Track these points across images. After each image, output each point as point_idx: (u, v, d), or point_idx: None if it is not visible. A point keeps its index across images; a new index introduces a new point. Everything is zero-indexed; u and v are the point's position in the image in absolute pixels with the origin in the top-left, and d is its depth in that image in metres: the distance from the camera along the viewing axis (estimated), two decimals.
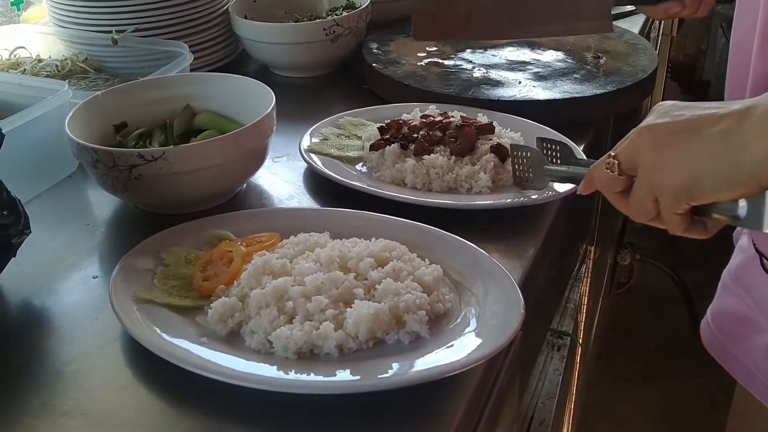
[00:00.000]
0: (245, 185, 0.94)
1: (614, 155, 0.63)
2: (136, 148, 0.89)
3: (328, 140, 0.98)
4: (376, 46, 1.24)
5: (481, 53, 1.21)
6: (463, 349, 0.63)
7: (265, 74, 1.28)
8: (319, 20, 1.25)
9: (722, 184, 0.56)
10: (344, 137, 1.00)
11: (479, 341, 0.64)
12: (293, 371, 0.62)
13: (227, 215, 0.83)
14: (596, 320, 1.80)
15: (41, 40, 1.19)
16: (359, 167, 0.95)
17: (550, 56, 1.19)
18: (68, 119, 0.86)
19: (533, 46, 1.22)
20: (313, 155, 0.94)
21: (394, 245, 0.74)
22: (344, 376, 0.61)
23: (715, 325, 0.84)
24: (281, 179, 0.96)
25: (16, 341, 0.71)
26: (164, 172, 0.81)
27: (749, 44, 0.70)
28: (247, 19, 1.25)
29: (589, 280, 1.51)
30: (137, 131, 0.94)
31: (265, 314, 0.65)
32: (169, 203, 0.87)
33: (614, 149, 0.64)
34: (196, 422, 0.61)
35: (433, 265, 0.72)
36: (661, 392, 2.15)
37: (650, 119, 0.61)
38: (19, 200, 0.75)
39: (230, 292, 0.70)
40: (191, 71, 1.09)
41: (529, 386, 1.10)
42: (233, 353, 0.64)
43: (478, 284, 0.71)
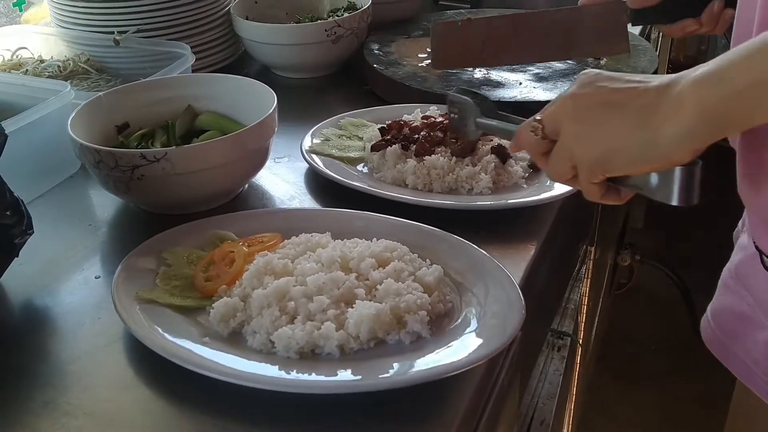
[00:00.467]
0: (247, 186, 0.94)
1: (539, 119, 0.65)
2: (138, 148, 0.89)
3: (329, 141, 0.99)
4: (377, 47, 1.24)
5: None
6: (463, 349, 0.63)
7: (266, 75, 1.28)
8: (320, 21, 1.26)
9: (635, 159, 0.58)
10: (345, 138, 1.00)
11: (480, 341, 0.64)
12: (295, 371, 0.62)
13: (229, 216, 0.84)
14: (596, 321, 1.80)
15: (43, 40, 1.19)
16: (360, 168, 0.95)
17: None
18: (70, 120, 0.86)
19: None
20: (314, 156, 0.94)
21: (395, 246, 0.74)
22: (345, 376, 0.61)
23: (715, 323, 0.84)
24: (283, 180, 0.96)
25: (18, 341, 0.71)
26: (166, 172, 0.81)
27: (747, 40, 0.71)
28: (248, 20, 1.26)
29: (589, 280, 1.51)
30: (139, 132, 0.95)
31: (266, 314, 0.66)
32: (171, 204, 0.88)
33: (541, 113, 0.66)
34: (198, 421, 0.62)
35: (434, 265, 0.72)
36: (660, 393, 2.16)
37: (575, 88, 0.62)
38: (21, 200, 0.75)
39: (232, 292, 0.70)
40: (193, 72, 1.09)
41: (529, 386, 1.10)
42: (235, 353, 0.64)
43: (478, 285, 0.72)
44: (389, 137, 0.95)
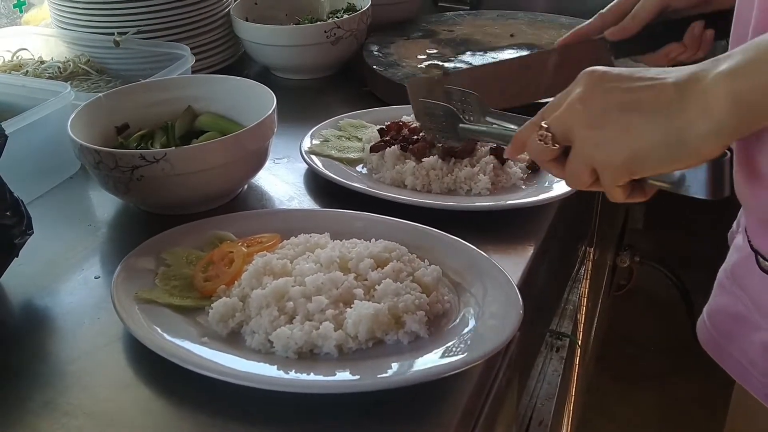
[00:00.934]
0: (246, 186, 0.94)
1: (547, 127, 0.62)
2: (137, 149, 0.90)
3: (328, 142, 0.99)
4: (376, 48, 1.24)
5: (480, 55, 1.21)
6: (461, 349, 0.63)
7: (266, 76, 1.28)
8: (319, 23, 1.26)
9: (665, 159, 0.56)
10: (345, 139, 1.00)
11: (478, 341, 0.64)
12: (293, 371, 0.62)
13: (228, 216, 0.84)
14: (596, 322, 1.80)
15: (43, 41, 1.20)
16: (359, 169, 0.95)
17: None
18: (70, 121, 0.87)
19: (532, 48, 1.23)
20: (313, 157, 0.95)
21: (393, 246, 0.74)
22: (344, 375, 0.62)
23: (711, 323, 0.84)
24: (282, 180, 0.96)
25: (18, 341, 0.71)
26: (166, 173, 0.81)
27: (745, 41, 0.71)
28: (248, 21, 1.26)
29: (588, 281, 1.51)
30: (139, 133, 0.95)
31: (265, 314, 0.66)
32: (170, 204, 0.88)
33: (545, 118, 0.63)
34: (197, 421, 0.62)
35: (432, 265, 0.72)
36: (660, 394, 2.16)
37: (582, 90, 0.60)
38: (21, 201, 0.76)
39: (231, 292, 0.71)
40: (193, 73, 1.09)
41: (527, 387, 1.10)
42: (234, 353, 0.65)
43: (477, 285, 0.72)
44: (388, 138, 0.95)
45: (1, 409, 0.63)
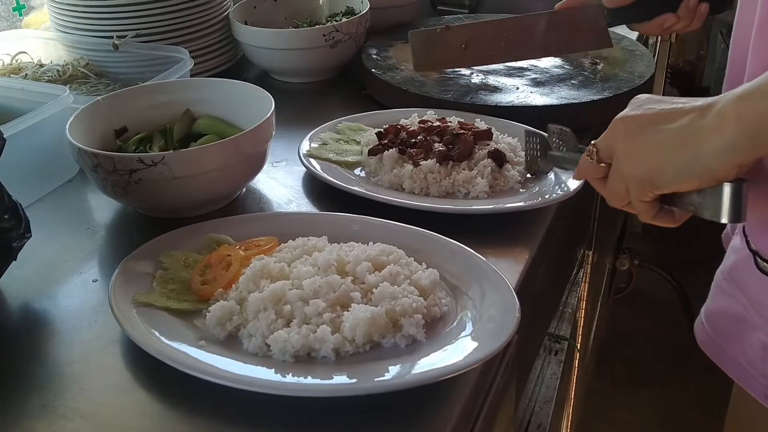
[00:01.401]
0: (244, 189, 0.94)
1: (594, 144, 0.68)
2: (136, 152, 0.90)
3: (327, 145, 0.99)
4: (375, 51, 1.24)
5: None
6: (458, 352, 0.64)
7: (264, 80, 1.29)
8: (318, 26, 1.26)
9: (680, 174, 0.61)
10: (343, 142, 1.00)
11: (475, 345, 0.64)
12: (290, 374, 0.62)
13: (226, 219, 0.84)
14: (595, 325, 1.80)
15: (43, 45, 1.20)
16: (358, 172, 0.95)
17: (547, 62, 1.20)
18: (69, 124, 0.87)
19: None
20: (312, 160, 0.95)
21: (391, 249, 0.74)
22: (341, 379, 0.62)
23: (709, 324, 0.85)
24: (280, 184, 0.96)
25: (16, 344, 0.71)
26: (164, 176, 0.81)
27: (747, 43, 0.71)
28: (247, 24, 1.26)
29: (587, 284, 1.51)
30: (137, 136, 0.95)
31: (262, 318, 0.66)
32: (168, 207, 0.88)
33: (598, 139, 0.68)
34: (194, 425, 0.62)
35: (429, 269, 0.72)
36: (659, 397, 2.16)
37: (626, 110, 0.65)
38: (20, 204, 0.76)
39: (228, 295, 0.71)
40: (191, 76, 1.09)
41: (526, 390, 1.10)
42: (231, 356, 0.65)
43: (474, 288, 0.72)
44: (386, 141, 0.95)
45: None
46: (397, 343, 0.65)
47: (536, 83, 1.13)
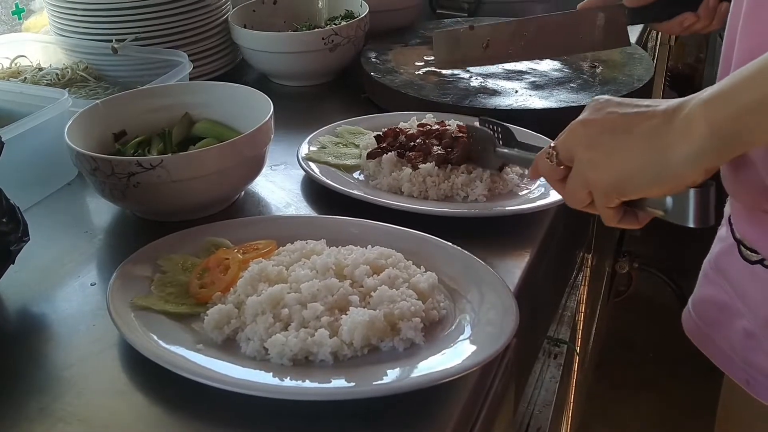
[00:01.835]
0: (243, 193, 0.94)
1: (553, 146, 0.66)
2: (134, 156, 0.90)
3: (325, 148, 0.99)
4: (374, 55, 1.24)
5: None
6: (457, 356, 0.63)
7: (263, 83, 1.29)
8: (317, 30, 1.26)
9: (649, 182, 0.59)
10: (342, 145, 1.00)
11: (473, 348, 0.64)
12: (288, 378, 0.62)
13: (225, 223, 0.84)
14: (594, 328, 1.80)
15: (42, 48, 1.20)
16: (356, 175, 0.95)
17: (546, 65, 1.20)
18: (68, 127, 0.87)
19: None
20: (310, 163, 0.95)
21: (390, 253, 0.74)
22: (339, 382, 0.61)
23: (696, 312, 0.86)
24: (279, 187, 0.96)
25: (14, 347, 0.71)
26: (162, 180, 0.81)
27: (736, 28, 0.72)
28: (246, 28, 1.26)
29: (586, 288, 1.51)
30: (136, 139, 0.95)
31: (260, 321, 0.66)
32: (167, 211, 0.88)
33: (555, 140, 0.66)
34: (191, 428, 0.62)
35: (428, 272, 0.72)
36: (659, 400, 2.15)
37: (586, 114, 0.63)
38: (18, 207, 0.76)
39: (226, 299, 0.71)
40: (190, 80, 1.09)
41: (525, 394, 1.10)
42: (229, 360, 0.64)
43: (473, 291, 0.72)
44: (385, 145, 0.95)
45: None
46: (395, 346, 0.65)
47: (535, 86, 1.13)
